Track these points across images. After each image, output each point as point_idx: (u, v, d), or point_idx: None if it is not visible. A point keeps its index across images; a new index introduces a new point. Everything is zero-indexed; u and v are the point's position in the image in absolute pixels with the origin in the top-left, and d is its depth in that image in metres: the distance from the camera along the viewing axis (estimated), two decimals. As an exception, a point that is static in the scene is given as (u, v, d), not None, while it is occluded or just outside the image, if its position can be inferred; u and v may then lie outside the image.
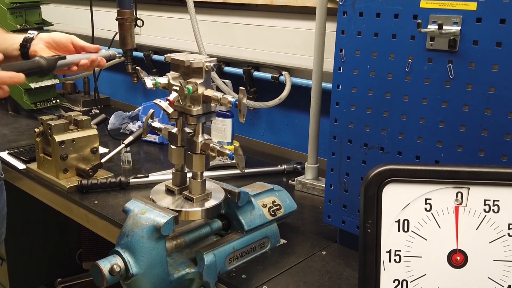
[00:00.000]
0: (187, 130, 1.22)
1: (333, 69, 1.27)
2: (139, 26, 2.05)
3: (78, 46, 1.44)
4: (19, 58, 1.41)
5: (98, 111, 2.49)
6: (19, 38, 1.42)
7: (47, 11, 2.58)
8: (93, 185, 1.64)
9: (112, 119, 2.26)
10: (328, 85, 1.64)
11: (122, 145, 1.83)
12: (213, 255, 1.19)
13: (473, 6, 1.04)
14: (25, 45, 1.40)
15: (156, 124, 1.30)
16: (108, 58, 1.49)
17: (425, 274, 0.95)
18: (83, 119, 1.74)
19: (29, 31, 1.43)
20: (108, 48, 1.47)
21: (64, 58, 1.35)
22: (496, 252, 0.93)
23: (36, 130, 1.75)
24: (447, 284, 0.94)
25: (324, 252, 1.33)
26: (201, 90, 1.15)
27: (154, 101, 1.16)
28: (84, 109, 2.63)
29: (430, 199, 0.94)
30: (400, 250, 0.95)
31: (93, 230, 1.59)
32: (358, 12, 1.20)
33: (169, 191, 1.27)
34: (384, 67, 1.18)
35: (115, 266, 1.08)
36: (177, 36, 2.28)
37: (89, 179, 1.67)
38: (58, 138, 1.68)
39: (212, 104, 1.19)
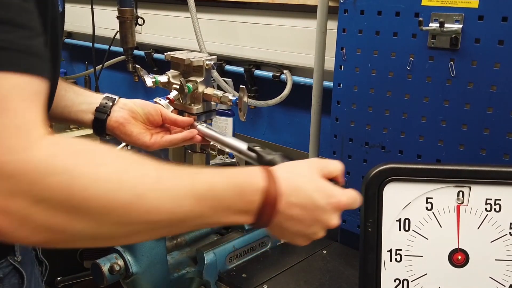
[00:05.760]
0: (188, 128, 1.21)
1: (334, 68, 1.27)
2: (140, 25, 2.05)
3: (169, 119, 1.11)
4: (87, 124, 1.07)
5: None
6: (94, 97, 1.07)
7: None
8: (93, 183, 1.63)
9: (113, 118, 2.25)
10: (329, 84, 1.64)
11: (123, 144, 1.83)
12: (213, 254, 1.18)
13: (475, 4, 1.03)
14: (104, 110, 1.05)
15: (157, 122, 1.29)
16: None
17: (426, 274, 0.94)
18: (84, 117, 1.74)
19: (107, 94, 1.09)
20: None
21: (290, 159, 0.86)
22: (498, 252, 0.93)
23: (37, 128, 1.74)
24: (448, 284, 0.94)
25: (324, 251, 1.33)
26: (201, 88, 1.15)
27: (154, 99, 1.15)
28: (85, 107, 2.62)
29: (431, 198, 0.94)
30: (401, 249, 0.95)
31: (93, 229, 1.59)
32: (359, 10, 1.19)
33: (169, 190, 1.27)
34: (385, 65, 1.17)
35: (115, 265, 1.08)
36: (178, 34, 2.28)
37: (89, 177, 1.66)
38: (58, 136, 1.67)
39: (212, 103, 1.18)
